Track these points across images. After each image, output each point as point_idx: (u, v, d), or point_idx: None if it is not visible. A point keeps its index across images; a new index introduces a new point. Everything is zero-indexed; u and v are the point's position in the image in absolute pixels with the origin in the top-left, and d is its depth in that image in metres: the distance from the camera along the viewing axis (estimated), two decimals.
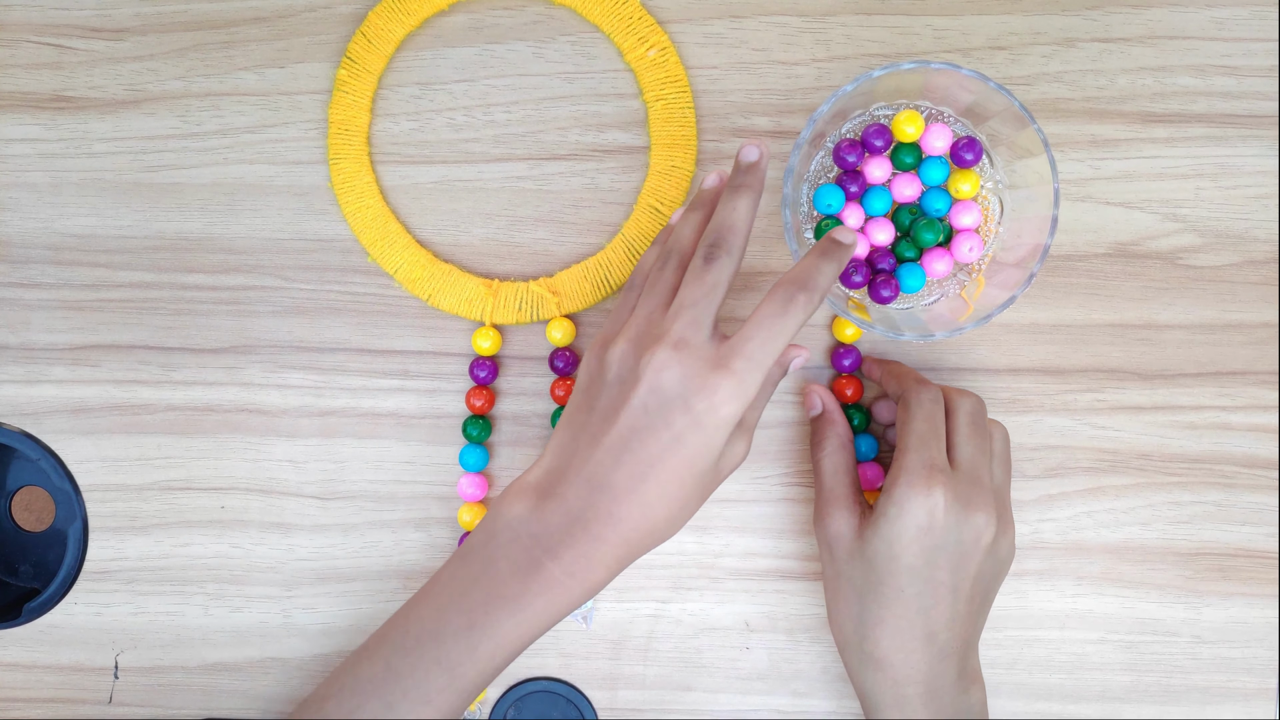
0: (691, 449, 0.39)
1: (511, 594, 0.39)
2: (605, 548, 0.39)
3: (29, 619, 0.52)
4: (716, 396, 0.38)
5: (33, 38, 0.50)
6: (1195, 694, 0.51)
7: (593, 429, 0.40)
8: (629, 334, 0.41)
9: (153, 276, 0.51)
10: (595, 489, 0.39)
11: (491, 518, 0.41)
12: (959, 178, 0.46)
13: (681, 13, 0.50)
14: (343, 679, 0.42)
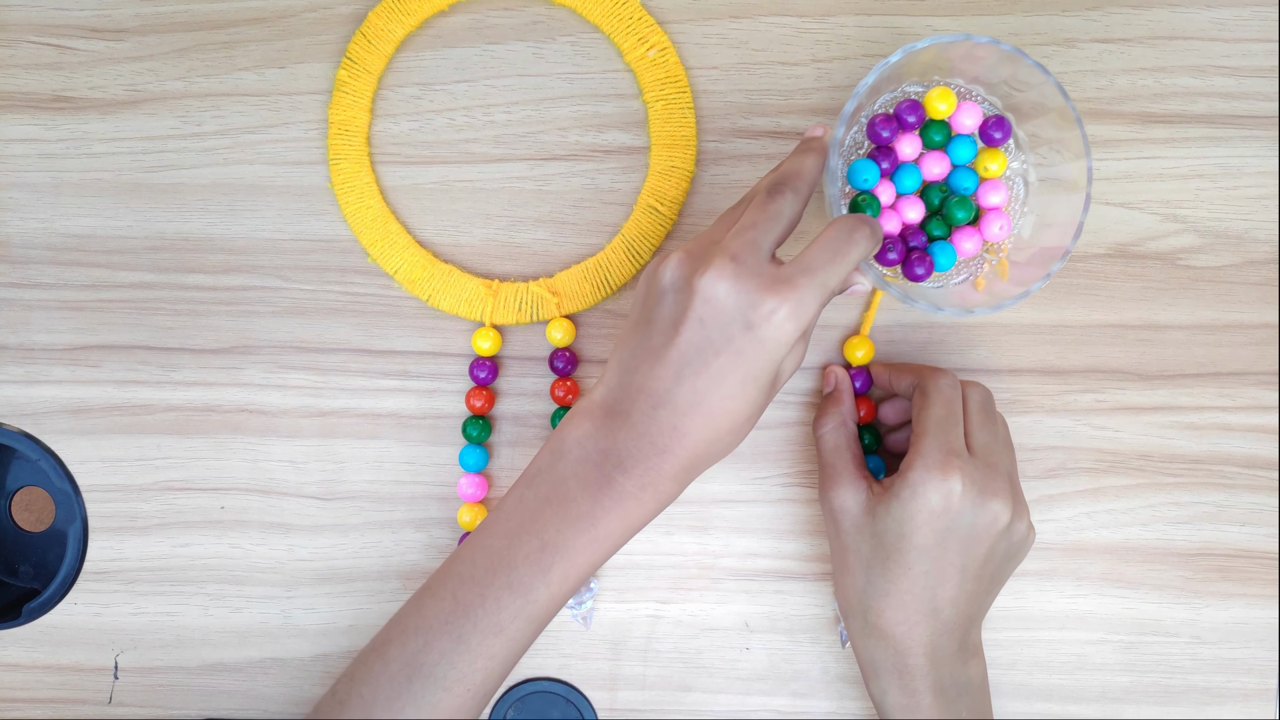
0: (752, 364, 0.39)
1: (584, 512, 0.40)
2: (673, 460, 0.40)
3: (29, 619, 0.52)
4: (778, 315, 0.38)
5: (33, 38, 0.50)
6: (1195, 694, 0.51)
7: (653, 344, 0.40)
8: (686, 248, 0.41)
9: (153, 277, 0.51)
10: (659, 404, 0.39)
11: (557, 439, 0.41)
12: (987, 156, 0.46)
13: (681, 13, 0.50)
14: (406, 620, 0.42)
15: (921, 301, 0.43)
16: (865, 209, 0.45)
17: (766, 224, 0.40)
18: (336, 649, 0.52)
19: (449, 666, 0.40)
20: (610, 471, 0.40)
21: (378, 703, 0.41)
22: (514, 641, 0.41)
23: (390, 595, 0.51)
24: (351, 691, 0.42)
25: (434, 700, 0.40)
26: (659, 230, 0.50)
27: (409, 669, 0.41)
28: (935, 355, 0.50)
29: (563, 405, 0.50)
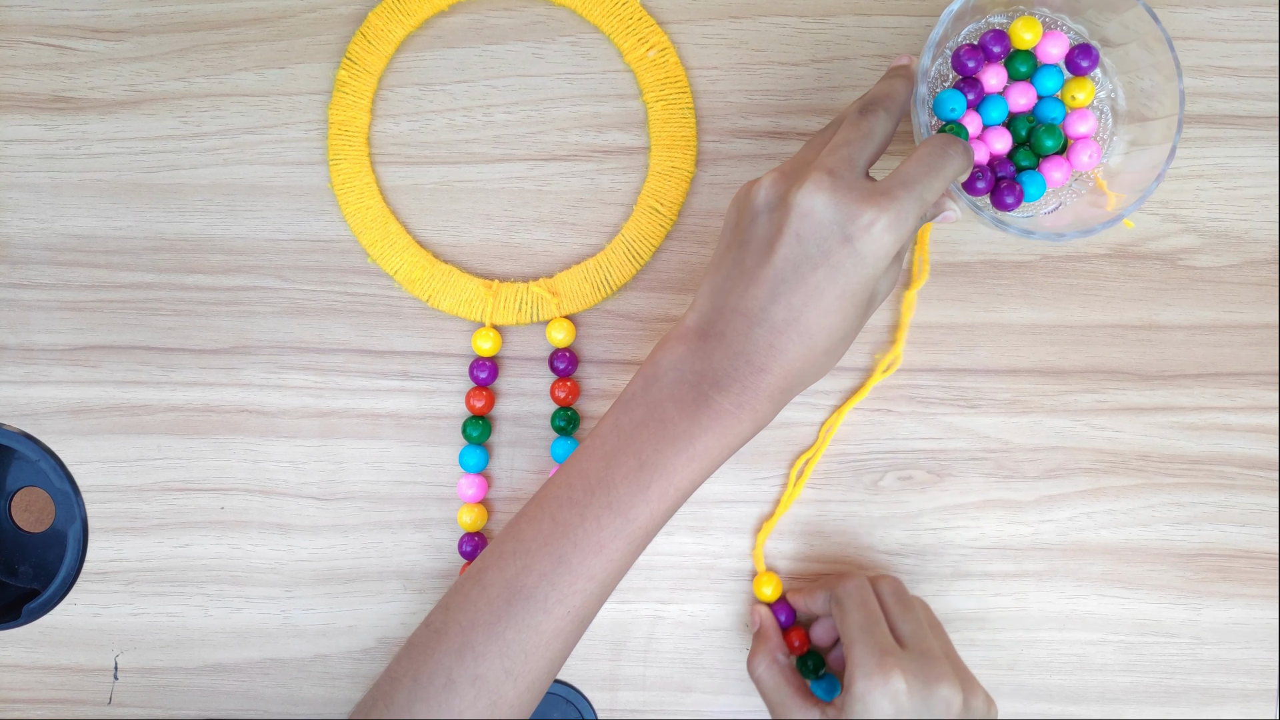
0: (850, 279, 0.38)
1: (681, 431, 0.39)
2: (770, 379, 0.39)
3: (29, 620, 0.52)
4: (876, 226, 0.38)
5: (33, 38, 0.50)
6: (1195, 695, 0.51)
7: (747, 265, 0.40)
8: (779, 169, 0.40)
9: (153, 277, 0.51)
10: (754, 323, 0.39)
11: (651, 365, 0.41)
12: (1074, 86, 0.46)
13: (681, 13, 0.50)
14: (502, 546, 0.41)
15: (1013, 227, 0.44)
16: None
17: (860, 141, 0.40)
18: (336, 649, 0.52)
19: (550, 587, 0.40)
20: (707, 390, 0.39)
21: (476, 627, 0.40)
22: (614, 561, 0.40)
23: (390, 595, 0.51)
24: (449, 620, 0.41)
25: (534, 621, 0.40)
26: (659, 231, 0.50)
27: (508, 591, 0.40)
28: (935, 356, 0.50)
29: (563, 406, 0.50)
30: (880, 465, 0.51)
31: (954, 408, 0.50)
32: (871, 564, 0.51)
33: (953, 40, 0.46)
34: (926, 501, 0.51)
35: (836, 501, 0.51)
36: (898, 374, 0.50)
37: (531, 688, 0.40)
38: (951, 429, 0.50)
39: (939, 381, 0.50)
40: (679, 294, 0.50)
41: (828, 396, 0.50)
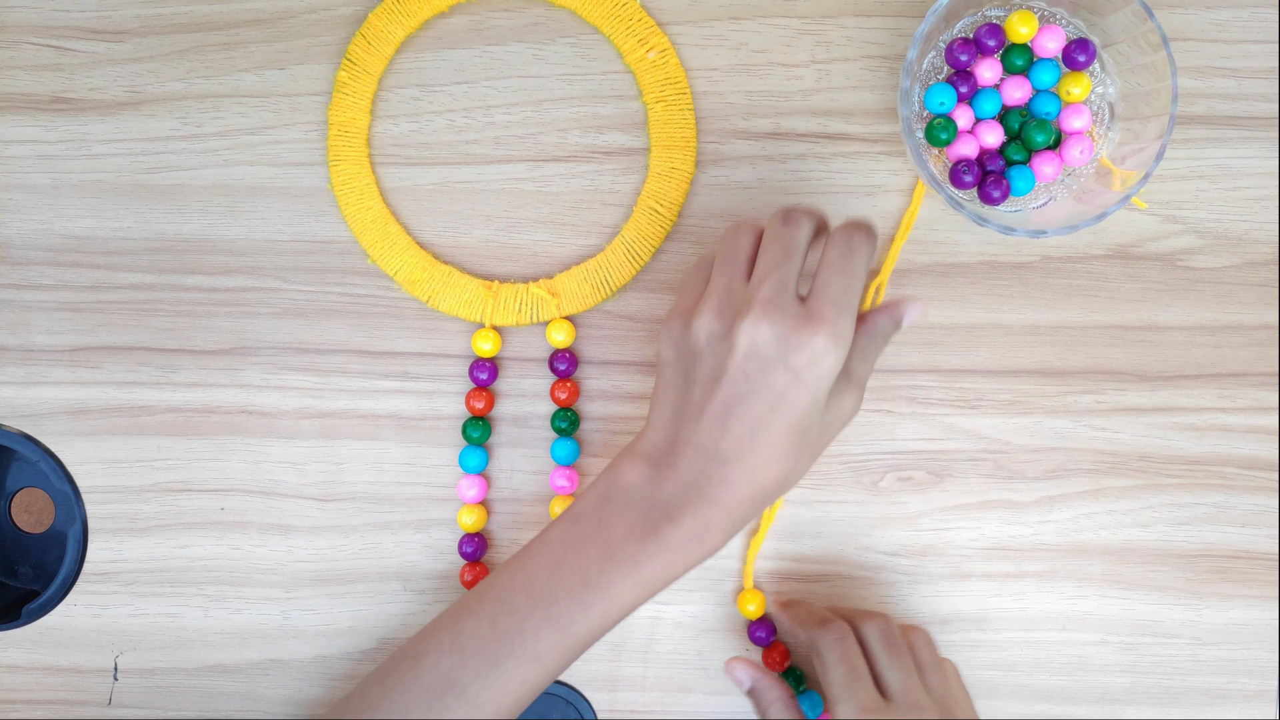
0: (795, 406, 0.39)
1: (628, 556, 0.40)
2: (721, 512, 0.40)
3: (28, 620, 0.52)
4: (817, 352, 0.38)
5: (32, 39, 0.50)
6: (1195, 696, 0.51)
7: (695, 400, 0.40)
8: (712, 304, 0.41)
9: (152, 278, 0.51)
10: (706, 457, 0.40)
11: (606, 482, 0.41)
12: (1070, 80, 0.46)
13: (681, 14, 0.50)
14: (441, 635, 0.42)
15: (993, 223, 0.44)
16: (940, 133, 0.45)
17: (788, 263, 0.40)
18: (336, 650, 0.52)
19: (482, 687, 0.41)
20: (658, 520, 0.40)
21: (410, 711, 0.41)
22: (548, 669, 0.41)
23: (390, 596, 0.51)
24: (383, 697, 0.42)
25: (464, 716, 0.41)
26: (659, 232, 0.50)
27: (442, 683, 0.41)
28: (935, 356, 0.50)
29: (563, 407, 0.50)
30: (880, 466, 0.51)
31: (954, 408, 0.50)
32: (871, 564, 0.51)
33: (947, 33, 0.47)
34: (926, 502, 0.51)
35: (836, 502, 0.51)
36: (898, 374, 0.50)
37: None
38: (951, 430, 0.50)
39: (939, 382, 0.50)
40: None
41: None
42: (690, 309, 0.42)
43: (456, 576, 0.51)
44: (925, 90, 0.46)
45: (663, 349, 0.42)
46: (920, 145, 0.46)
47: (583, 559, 0.40)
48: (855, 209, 0.50)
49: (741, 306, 0.40)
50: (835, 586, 0.51)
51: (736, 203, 0.50)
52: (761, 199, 0.50)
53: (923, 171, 0.44)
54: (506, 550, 0.51)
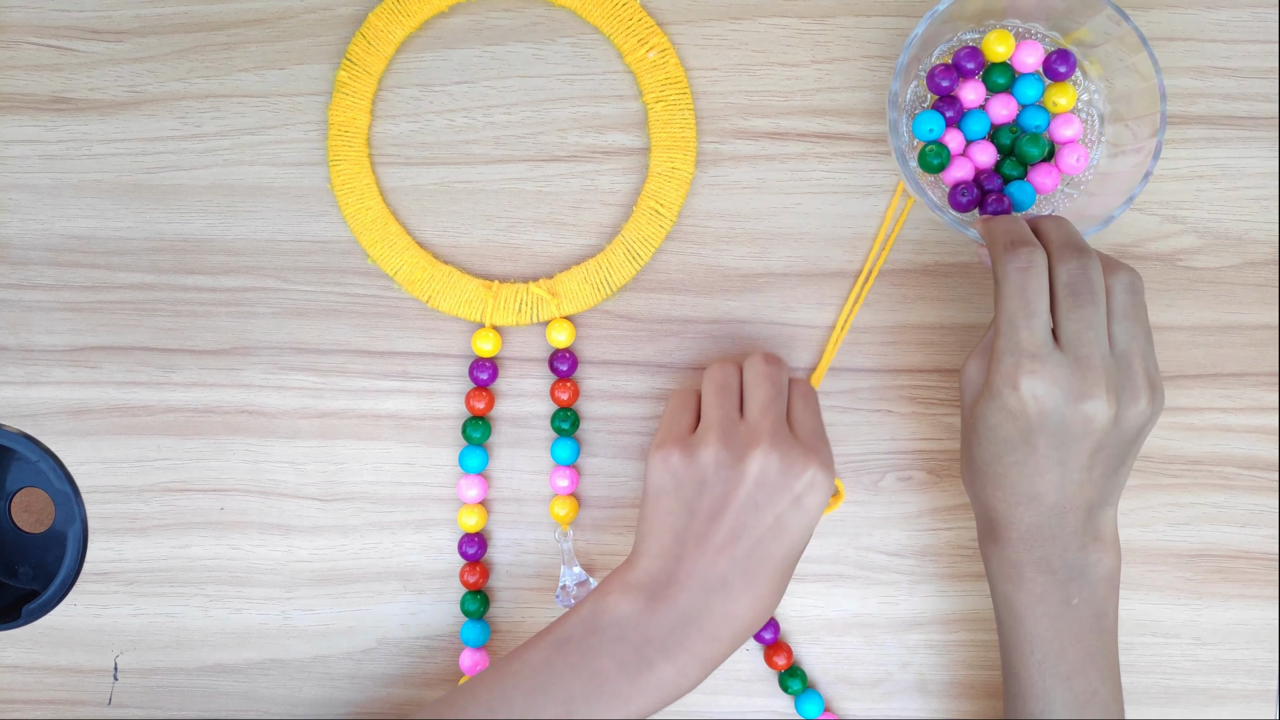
0: (796, 535, 0.41)
1: (617, 691, 0.40)
2: (719, 646, 0.40)
3: (28, 620, 0.52)
4: (817, 479, 0.41)
5: (33, 39, 0.50)
6: (1195, 695, 0.51)
7: (697, 530, 0.41)
8: (717, 434, 0.42)
9: (152, 278, 0.51)
10: (710, 590, 0.40)
11: (594, 613, 0.41)
12: (1055, 91, 0.46)
13: (681, 14, 0.50)
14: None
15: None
16: (933, 159, 0.46)
17: (779, 398, 0.43)
18: (336, 650, 0.52)
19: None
20: (652, 656, 0.40)
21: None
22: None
23: (390, 596, 0.51)
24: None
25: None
26: (659, 232, 0.50)
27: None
28: (936, 356, 0.50)
29: (563, 407, 0.50)
30: (880, 465, 0.51)
31: (954, 408, 0.50)
32: (872, 564, 0.51)
33: (925, 61, 0.47)
34: (927, 502, 0.51)
35: None
36: (898, 375, 0.50)
37: None
38: (952, 429, 0.50)
39: (940, 382, 0.50)
40: (678, 295, 0.50)
41: (828, 396, 0.50)
42: (684, 439, 0.42)
43: (456, 576, 0.51)
44: (913, 119, 0.46)
45: (657, 476, 0.42)
46: (916, 174, 0.46)
47: (567, 690, 0.40)
48: (855, 209, 0.50)
49: (751, 437, 0.41)
50: (835, 586, 0.51)
51: (736, 203, 0.50)
52: (761, 199, 0.50)
53: (923, 198, 0.45)
54: (507, 550, 0.51)
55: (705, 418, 0.43)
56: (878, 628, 0.51)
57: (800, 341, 0.50)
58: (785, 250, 0.50)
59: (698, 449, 0.41)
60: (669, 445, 0.42)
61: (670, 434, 0.43)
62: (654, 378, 0.51)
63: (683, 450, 0.42)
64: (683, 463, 0.42)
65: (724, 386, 0.44)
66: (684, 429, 0.43)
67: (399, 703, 0.52)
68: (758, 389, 0.43)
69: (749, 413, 0.42)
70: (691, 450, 0.42)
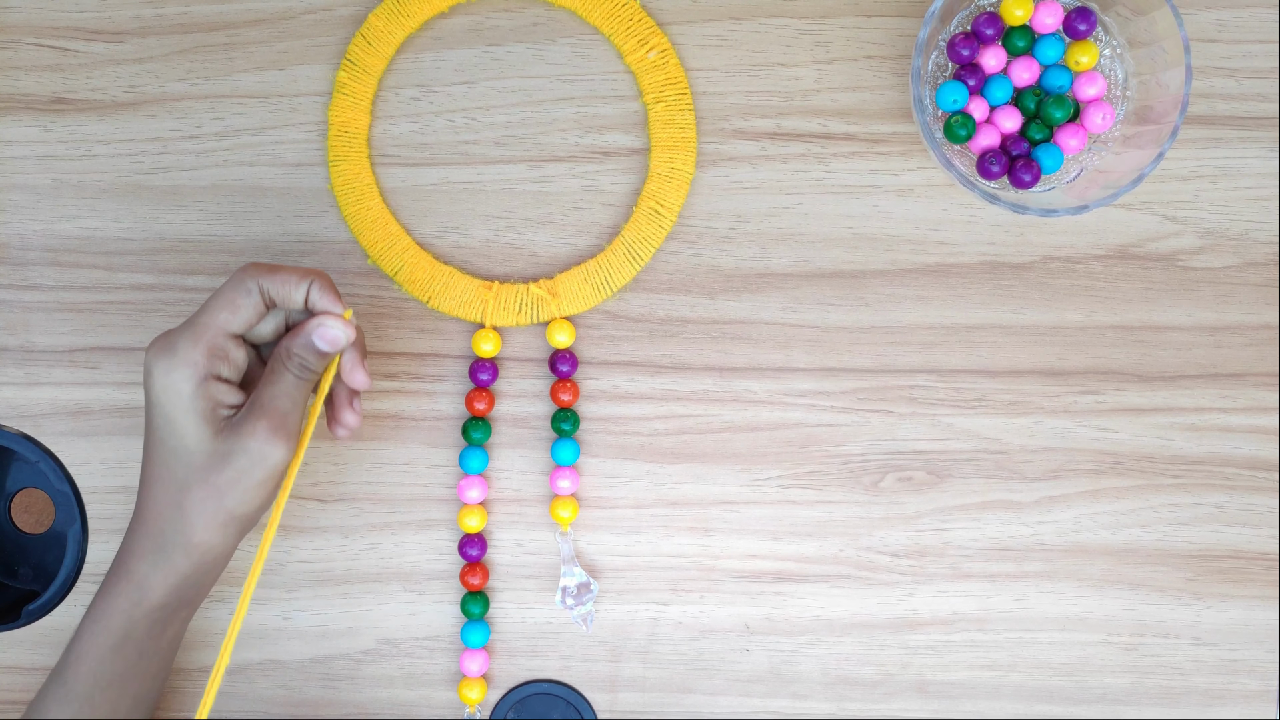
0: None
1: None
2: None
3: (28, 621, 0.52)
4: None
5: (32, 40, 0.50)
6: (1196, 696, 0.51)
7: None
8: None
9: (153, 278, 0.51)
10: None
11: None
12: (1076, 50, 0.46)
13: (681, 15, 0.50)
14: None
15: (1033, 208, 0.44)
16: (959, 130, 0.45)
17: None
18: (336, 651, 0.52)
19: None
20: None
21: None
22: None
23: (390, 597, 0.51)
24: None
25: None
26: (659, 232, 0.50)
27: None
28: (935, 356, 0.50)
29: (564, 408, 0.50)
30: (880, 466, 0.51)
31: (954, 408, 0.50)
32: (872, 565, 0.51)
33: (945, 32, 0.47)
34: (927, 502, 0.51)
35: (836, 502, 0.51)
36: (898, 375, 0.50)
37: None
38: (952, 430, 0.50)
39: (939, 382, 0.50)
40: (679, 295, 0.50)
41: (828, 396, 0.50)
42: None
43: (457, 577, 0.51)
44: (935, 92, 0.46)
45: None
46: (943, 146, 0.46)
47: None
48: (855, 209, 0.50)
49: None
50: (835, 586, 0.51)
51: (736, 203, 0.50)
52: (761, 200, 0.50)
53: (952, 173, 0.44)
54: (507, 551, 0.51)
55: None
56: (878, 628, 0.51)
57: (800, 342, 0.50)
58: (785, 250, 0.50)
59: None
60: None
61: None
62: (655, 378, 0.51)
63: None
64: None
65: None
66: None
67: (400, 704, 0.52)
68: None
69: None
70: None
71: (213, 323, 0.41)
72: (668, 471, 0.51)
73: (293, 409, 0.42)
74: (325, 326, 0.42)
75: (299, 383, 0.42)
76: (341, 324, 0.42)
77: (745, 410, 0.51)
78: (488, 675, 0.51)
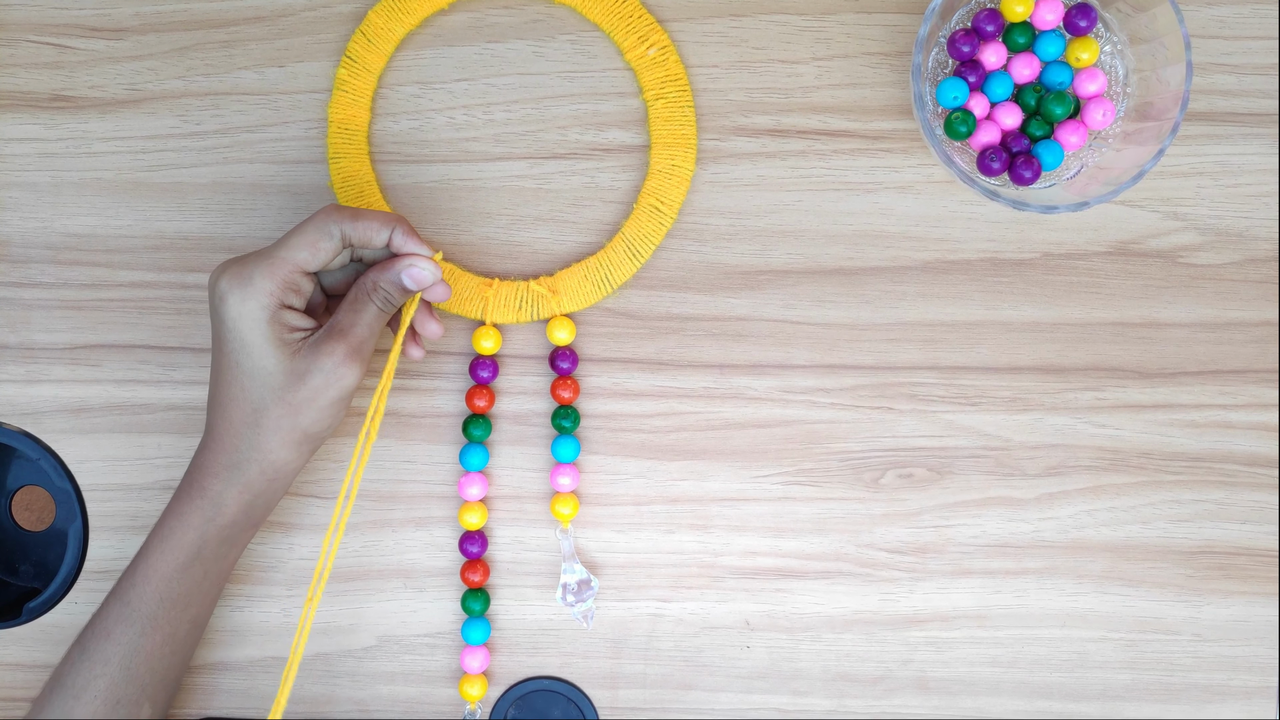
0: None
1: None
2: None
3: (29, 619, 0.52)
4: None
5: (32, 37, 0.50)
6: (1196, 692, 0.51)
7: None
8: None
9: (153, 276, 0.51)
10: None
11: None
12: (1077, 47, 0.46)
13: (681, 11, 0.50)
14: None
15: (1033, 205, 0.44)
16: (959, 126, 0.46)
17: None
18: (337, 648, 0.52)
19: (74, 674, 0.45)
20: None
21: (31, 713, 0.46)
22: (122, 645, 0.44)
23: (391, 594, 0.51)
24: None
25: (66, 707, 0.44)
26: (659, 229, 0.50)
27: (50, 682, 0.45)
28: (936, 353, 0.50)
29: (564, 405, 0.50)
30: (881, 463, 0.51)
31: (955, 405, 0.50)
32: (872, 561, 0.51)
33: (946, 29, 0.47)
34: (927, 499, 0.51)
35: (837, 499, 0.51)
36: (898, 371, 0.50)
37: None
38: (952, 426, 0.50)
39: (939, 379, 0.50)
40: (679, 292, 0.50)
41: (828, 393, 0.50)
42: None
43: (457, 574, 0.51)
44: (935, 88, 0.46)
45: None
46: (944, 143, 0.46)
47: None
48: (855, 205, 0.50)
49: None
50: (836, 583, 0.51)
51: (737, 200, 0.50)
52: (762, 196, 0.50)
53: (953, 170, 0.44)
54: (508, 548, 0.51)
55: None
56: (878, 625, 0.51)
57: (800, 339, 0.50)
58: (786, 247, 0.50)
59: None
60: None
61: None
62: (655, 375, 0.51)
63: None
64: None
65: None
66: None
67: (400, 700, 0.52)
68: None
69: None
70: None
71: (291, 259, 0.43)
72: (668, 468, 0.51)
73: (369, 337, 0.44)
74: (416, 267, 0.44)
75: (380, 314, 0.45)
76: (431, 265, 0.45)
77: (746, 407, 0.51)
78: (488, 672, 0.51)
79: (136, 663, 0.45)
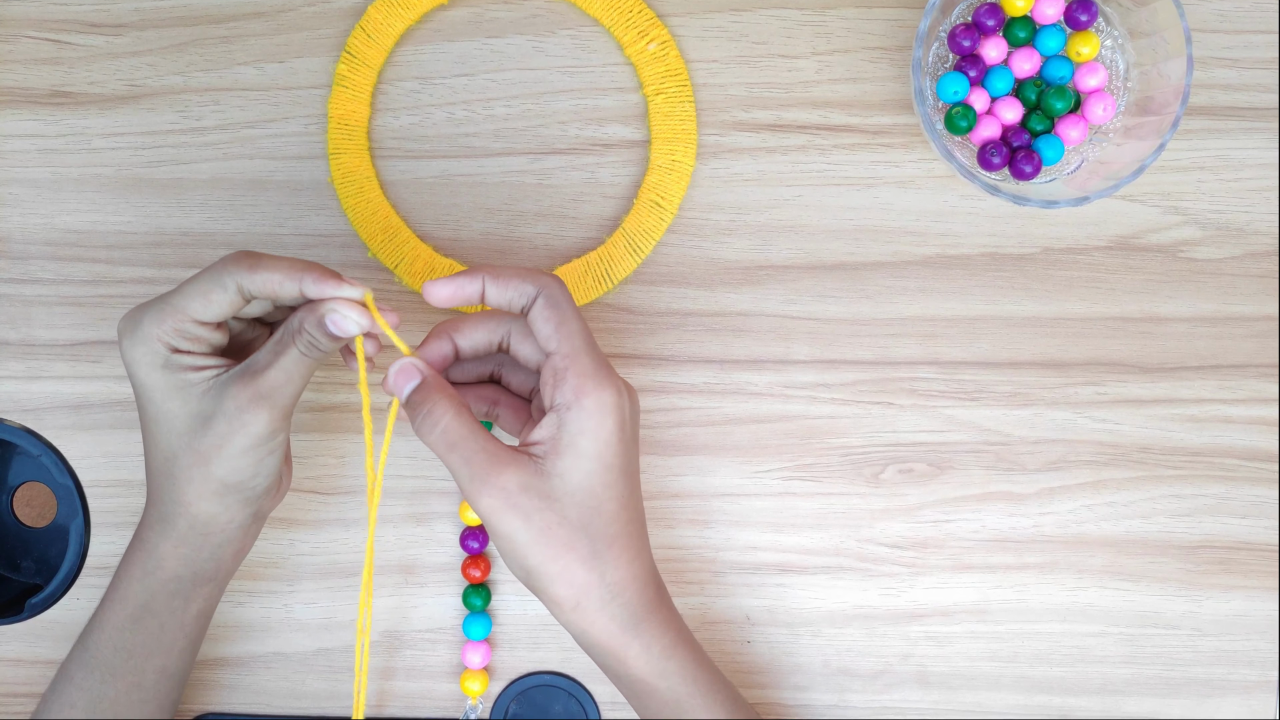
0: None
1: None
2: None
3: (31, 615, 0.52)
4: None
5: (32, 33, 0.50)
6: (1196, 687, 0.51)
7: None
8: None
9: (153, 272, 0.51)
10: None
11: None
12: (1077, 41, 0.46)
13: (681, 6, 0.50)
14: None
15: (1034, 200, 0.44)
16: (960, 121, 0.46)
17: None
18: (338, 644, 0.52)
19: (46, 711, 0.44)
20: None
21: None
22: (85, 691, 0.44)
23: (392, 589, 0.51)
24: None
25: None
26: (660, 225, 0.50)
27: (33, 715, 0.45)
28: (936, 348, 0.50)
29: None
30: (881, 458, 0.51)
31: (954, 400, 0.50)
32: (872, 556, 0.51)
33: (946, 23, 0.47)
34: (927, 494, 0.51)
35: (837, 494, 0.51)
36: (898, 367, 0.50)
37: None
38: (952, 421, 0.50)
39: (939, 374, 0.50)
40: (679, 288, 0.50)
41: (829, 388, 0.50)
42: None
43: (459, 570, 0.51)
44: (936, 83, 0.46)
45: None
46: (944, 138, 0.46)
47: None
48: (856, 201, 0.50)
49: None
50: (836, 578, 0.51)
51: (737, 195, 0.50)
52: (762, 192, 0.50)
53: (953, 164, 0.44)
54: None
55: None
56: (878, 619, 0.51)
57: (801, 334, 0.50)
58: (786, 242, 0.50)
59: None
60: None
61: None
62: (655, 371, 0.51)
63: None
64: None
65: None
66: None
67: (401, 696, 0.52)
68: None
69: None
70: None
71: (182, 307, 0.40)
72: (668, 463, 0.51)
73: (287, 383, 0.40)
74: (337, 313, 0.40)
75: (302, 359, 0.40)
76: (356, 314, 0.40)
77: (746, 402, 0.51)
78: (489, 667, 0.51)
79: (102, 709, 0.44)
